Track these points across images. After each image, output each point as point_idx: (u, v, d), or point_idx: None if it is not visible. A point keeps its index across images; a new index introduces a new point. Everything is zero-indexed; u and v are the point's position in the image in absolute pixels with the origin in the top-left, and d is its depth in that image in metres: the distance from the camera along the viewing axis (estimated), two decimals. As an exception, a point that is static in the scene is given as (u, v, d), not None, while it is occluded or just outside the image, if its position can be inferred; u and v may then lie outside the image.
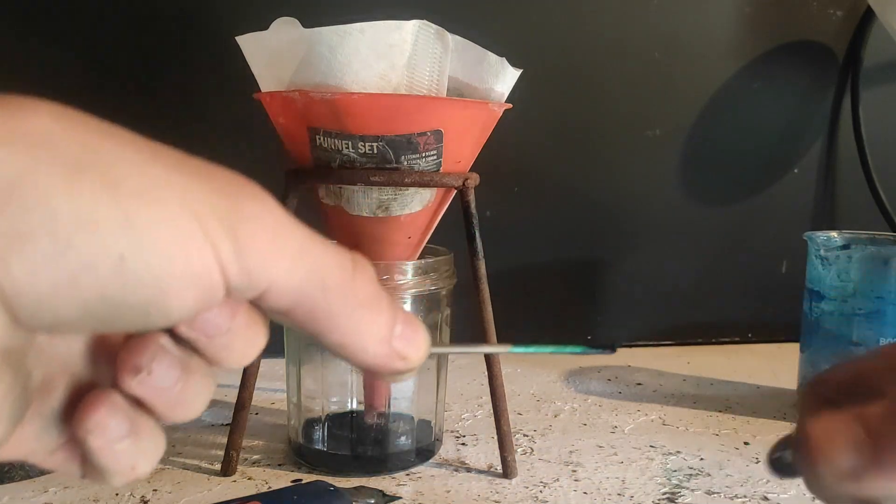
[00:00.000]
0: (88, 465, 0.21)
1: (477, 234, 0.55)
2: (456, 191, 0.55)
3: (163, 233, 0.18)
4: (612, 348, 0.27)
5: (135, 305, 0.19)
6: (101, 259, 0.18)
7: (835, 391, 0.25)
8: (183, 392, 0.21)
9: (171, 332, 0.21)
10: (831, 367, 0.24)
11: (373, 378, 0.24)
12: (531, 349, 0.26)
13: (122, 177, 0.18)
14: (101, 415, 0.20)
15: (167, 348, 0.21)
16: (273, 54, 0.51)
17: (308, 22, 0.49)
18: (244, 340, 0.22)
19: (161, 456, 0.22)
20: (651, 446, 0.61)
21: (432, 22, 0.51)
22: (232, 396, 0.55)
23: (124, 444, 0.21)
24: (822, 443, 0.23)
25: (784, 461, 0.25)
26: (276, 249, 0.20)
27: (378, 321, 0.22)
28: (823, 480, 0.23)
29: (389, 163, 0.51)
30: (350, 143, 0.50)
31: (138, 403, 0.21)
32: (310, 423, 0.57)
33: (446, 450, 0.59)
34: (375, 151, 0.50)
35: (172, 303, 0.19)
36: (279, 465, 0.56)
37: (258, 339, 0.22)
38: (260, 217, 0.20)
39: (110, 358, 0.21)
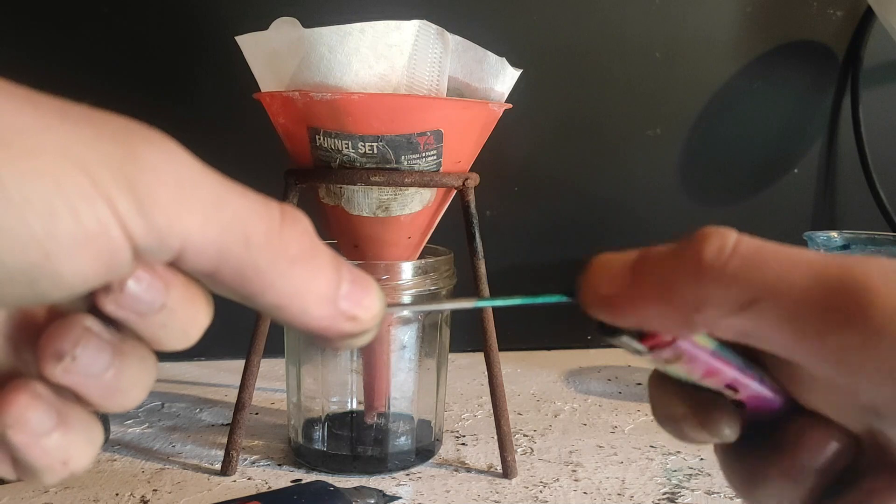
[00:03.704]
0: (18, 464, 0.19)
1: (477, 234, 0.55)
2: (456, 191, 0.55)
3: (39, 187, 0.16)
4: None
5: (16, 272, 0.17)
6: None
7: None
8: (117, 379, 0.19)
9: (98, 313, 0.19)
10: None
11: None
12: (499, 302, 0.24)
13: None
14: (21, 408, 0.19)
15: (94, 330, 0.19)
16: (273, 54, 0.51)
17: (308, 22, 0.49)
18: (183, 318, 0.19)
19: (99, 448, 0.20)
20: (651, 446, 0.61)
21: (432, 22, 0.51)
22: (232, 396, 0.55)
23: (52, 438, 0.19)
24: (594, 266, 0.22)
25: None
26: (185, 201, 0.18)
27: (318, 278, 0.20)
28: (583, 304, 0.22)
29: (389, 163, 0.51)
30: (350, 143, 0.50)
31: (67, 392, 0.19)
32: (310, 423, 0.57)
33: (446, 450, 0.59)
34: (375, 151, 0.50)
35: (64, 268, 0.17)
36: (279, 465, 0.56)
37: (200, 315, 0.20)
38: (163, 166, 0.18)
39: (34, 344, 0.19)
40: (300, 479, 0.53)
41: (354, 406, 0.57)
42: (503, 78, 0.54)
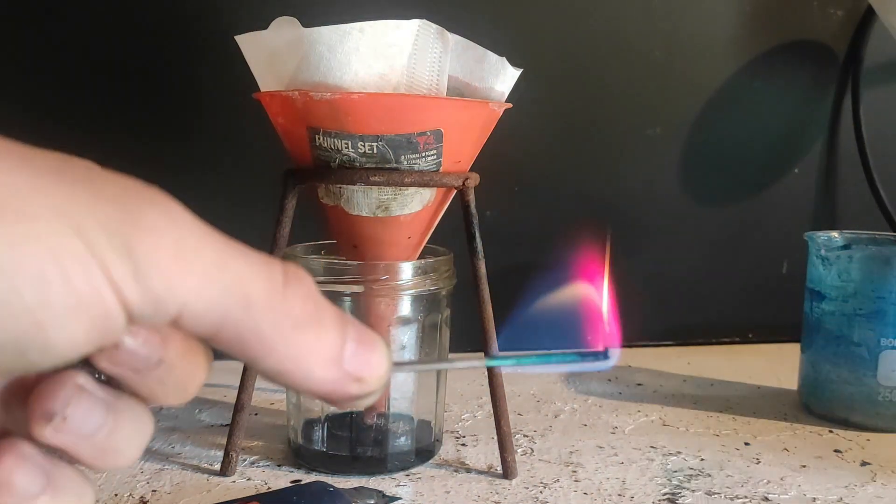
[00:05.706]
0: None
1: (477, 234, 0.55)
2: (456, 191, 0.55)
3: (30, 252, 0.15)
4: (604, 355, 0.24)
5: (5, 342, 0.16)
6: None
7: None
8: (110, 438, 0.18)
9: (92, 369, 0.18)
10: None
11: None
12: (509, 361, 0.23)
13: None
14: (6, 471, 0.18)
15: (86, 388, 0.18)
16: (273, 54, 0.51)
17: (308, 22, 0.49)
18: (181, 373, 0.19)
19: None
20: (651, 447, 0.61)
21: (432, 22, 0.51)
22: (231, 397, 0.55)
23: (40, 502, 0.18)
24: None
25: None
26: (184, 264, 0.17)
27: (322, 340, 0.19)
28: None
29: (389, 163, 0.50)
30: (350, 142, 0.50)
31: (58, 452, 0.18)
32: (309, 424, 0.57)
33: (446, 450, 0.59)
34: (375, 151, 0.50)
35: (55, 337, 0.16)
36: (278, 465, 0.56)
37: (198, 369, 0.19)
38: (163, 228, 0.17)
39: (24, 401, 0.18)
40: (300, 480, 0.53)
41: (354, 406, 0.57)
42: (503, 78, 0.53)
